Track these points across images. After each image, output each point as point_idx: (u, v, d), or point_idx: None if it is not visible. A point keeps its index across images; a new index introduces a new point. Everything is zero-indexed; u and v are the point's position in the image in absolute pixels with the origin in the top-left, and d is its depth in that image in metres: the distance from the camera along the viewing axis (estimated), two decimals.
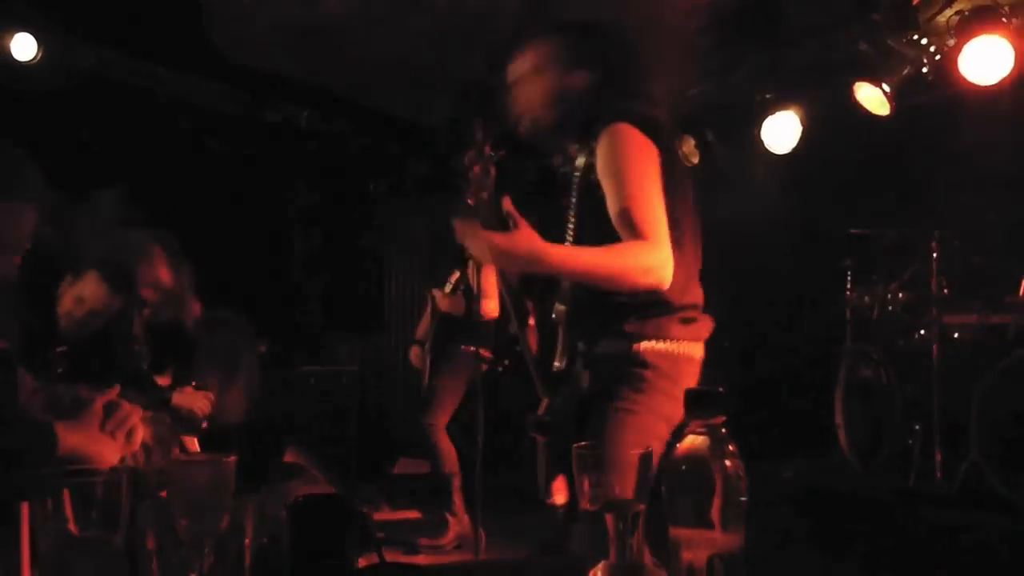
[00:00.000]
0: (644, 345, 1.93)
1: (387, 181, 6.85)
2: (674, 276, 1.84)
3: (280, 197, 6.55)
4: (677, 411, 1.92)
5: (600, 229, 1.88)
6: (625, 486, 1.08)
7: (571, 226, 2.04)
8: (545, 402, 2.01)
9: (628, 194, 1.83)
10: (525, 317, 2.12)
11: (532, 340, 2.09)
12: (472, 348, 4.09)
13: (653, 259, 1.80)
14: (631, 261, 1.80)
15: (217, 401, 2.62)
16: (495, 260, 1.82)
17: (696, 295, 2.02)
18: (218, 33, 4.73)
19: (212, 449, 2.23)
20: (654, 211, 1.83)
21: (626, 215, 1.82)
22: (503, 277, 2.13)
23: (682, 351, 1.96)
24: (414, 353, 4.66)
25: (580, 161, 2.01)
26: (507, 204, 1.84)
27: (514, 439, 4.55)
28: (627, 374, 1.92)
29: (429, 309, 4.57)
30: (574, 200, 2.02)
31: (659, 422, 1.90)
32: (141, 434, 1.67)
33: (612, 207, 1.86)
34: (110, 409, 1.62)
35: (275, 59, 5.12)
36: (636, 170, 1.87)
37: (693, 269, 2.00)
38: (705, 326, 2.02)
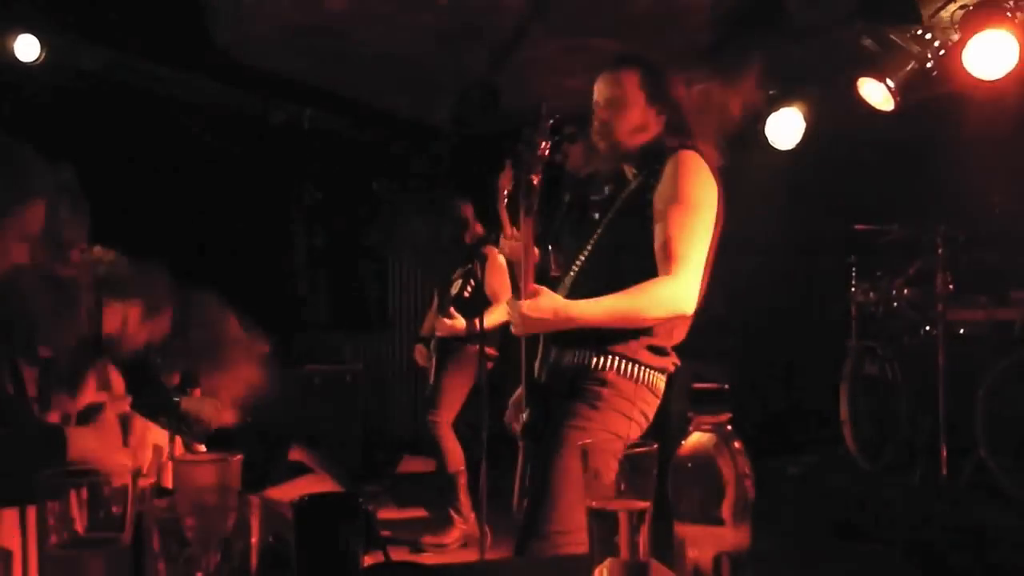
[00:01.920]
0: (610, 361, 1.96)
1: (391, 180, 6.85)
2: None
3: (284, 197, 6.56)
4: (633, 433, 1.96)
5: (636, 249, 1.95)
6: (582, 500, 1.07)
7: (592, 241, 2.06)
8: (527, 412, 2.04)
9: (678, 222, 1.91)
10: (548, 350, 2.17)
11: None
12: (478, 347, 4.08)
13: (671, 293, 1.89)
14: (647, 301, 1.89)
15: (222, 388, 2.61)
16: (527, 327, 1.94)
17: (678, 334, 2.06)
18: (221, 34, 4.73)
19: (217, 448, 2.23)
20: (695, 246, 1.92)
21: (667, 243, 1.91)
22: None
23: (645, 377, 1.99)
24: (419, 351, 4.66)
25: (635, 182, 2.04)
26: (530, 285, 1.94)
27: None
28: (584, 390, 1.97)
29: (434, 306, 4.57)
30: (610, 217, 2.05)
31: (613, 439, 1.92)
32: (151, 446, 1.68)
33: (659, 230, 1.93)
34: (125, 422, 1.63)
35: (278, 59, 5.13)
36: (694, 201, 1.94)
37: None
38: (672, 360, 2.06)
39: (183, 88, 5.18)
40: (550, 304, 1.90)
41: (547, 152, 1.97)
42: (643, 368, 1.98)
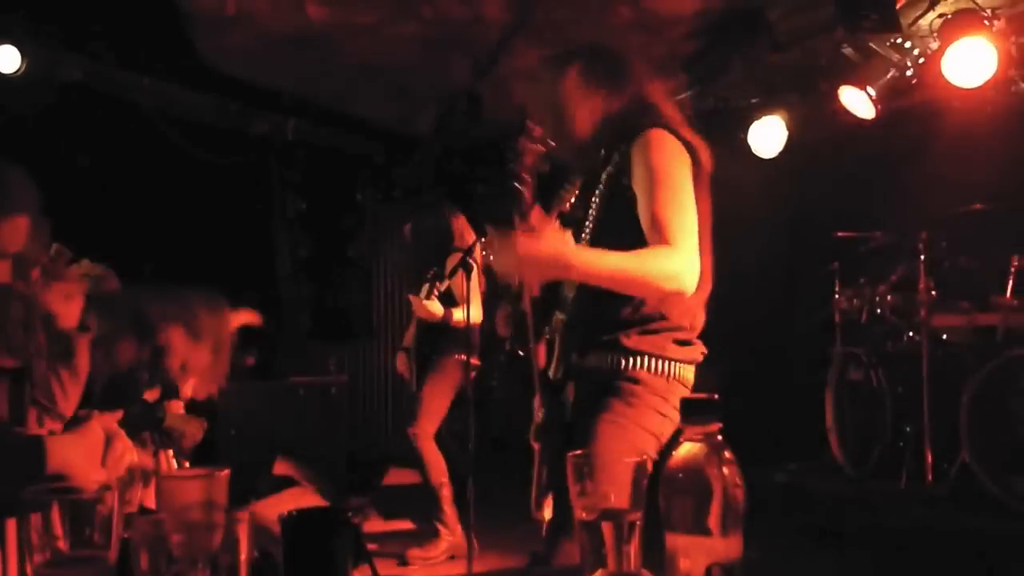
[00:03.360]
0: (639, 361, 1.93)
1: (374, 190, 6.83)
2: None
3: (267, 207, 6.53)
4: (666, 429, 1.93)
5: (625, 231, 1.90)
6: (619, 495, 1.08)
7: (588, 227, 2.04)
8: (542, 412, 2.01)
9: (660, 199, 1.85)
10: (540, 330, 2.11)
11: (541, 353, 2.08)
12: (462, 356, 4.06)
13: (677, 265, 1.80)
14: (655, 267, 1.80)
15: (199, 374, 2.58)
16: (521, 267, 1.77)
17: (699, 320, 2.03)
18: (202, 43, 4.71)
19: (202, 463, 2.21)
20: (684, 217, 1.85)
21: (656, 220, 1.83)
22: (526, 289, 2.10)
23: (676, 372, 1.97)
24: (400, 359, 4.65)
25: (610, 165, 2.00)
26: (536, 214, 1.82)
27: (506, 447, 4.54)
28: (617, 388, 1.93)
29: (415, 320, 4.55)
30: (596, 202, 2.02)
31: (647, 436, 1.91)
32: (126, 466, 1.66)
33: (643, 211, 1.87)
34: (109, 439, 1.61)
35: (260, 69, 5.11)
36: (670, 175, 1.89)
37: (704, 290, 1.97)
38: (699, 350, 2.03)
39: (164, 98, 5.15)
40: (553, 246, 1.72)
41: (528, 163, 1.92)
42: (673, 363, 1.95)
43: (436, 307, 4.09)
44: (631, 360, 1.93)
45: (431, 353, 4.30)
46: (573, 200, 2.10)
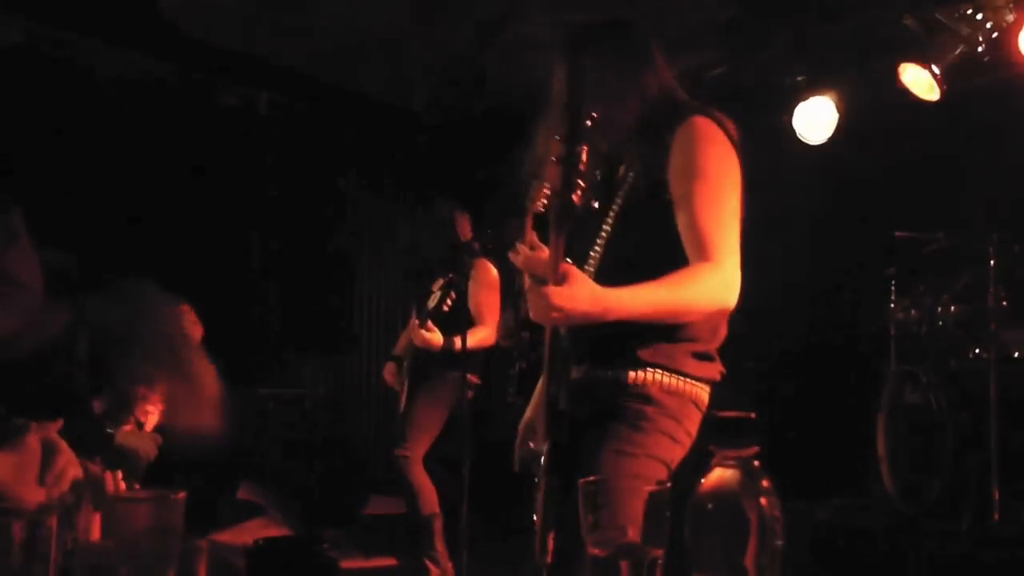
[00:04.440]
0: (650, 376, 1.94)
1: (360, 175, 6.84)
2: None
3: (235, 192, 6.53)
4: (677, 456, 1.94)
5: (652, 233, 1.94)
6: (634, 528, 1.08)
7: (602, 236, 2.04)
8: (548, 443, 2.00)
9: (704, 206, 1.89)
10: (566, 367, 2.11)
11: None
12: (458, 373, 4.08)
13: (718, 285, 1.86)
14: (695, 293, 1.86)
15: (172, 415, 2.58)
16: (557, 321, 1.84)
17: (720, 332, 2.05)
18: (166, 1, 4.72)
19: (156, 484, 2.21)
20: (728, 228, 1.89)
21: (698, 232, 1.88)
22: (553, 332, 2.08)
23: (691, 391, 1.97)
24: (389, 370, 4.65)
25: (638, 160, 2.03)
26: (559, 266, 1.81)
27: (505, 474, 4.54)
28: (626, 409, 1.94)
29: (411, 323, 4.55)
30: (620, 203, 2.04)
31: (659, 466, 1.93)
32: (70, 481, 1.66)
33: (683, 217, 1.91)
34: (48, 452, 1.61)
35: (231, 32, 5.12)
36: (717, 177, 1.93)
37: None
38: (717, 368, 2.04)
39: (119, 64, 5.16)
40: (587, 291, 1.77)
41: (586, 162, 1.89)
42: (688, 381, 1.97)
43: (435, 337, 4.12)
44: (641, 374, 1.94)
45: (427, 366, 4.31)
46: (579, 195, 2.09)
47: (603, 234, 2.05)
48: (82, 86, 5.06)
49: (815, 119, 5.11)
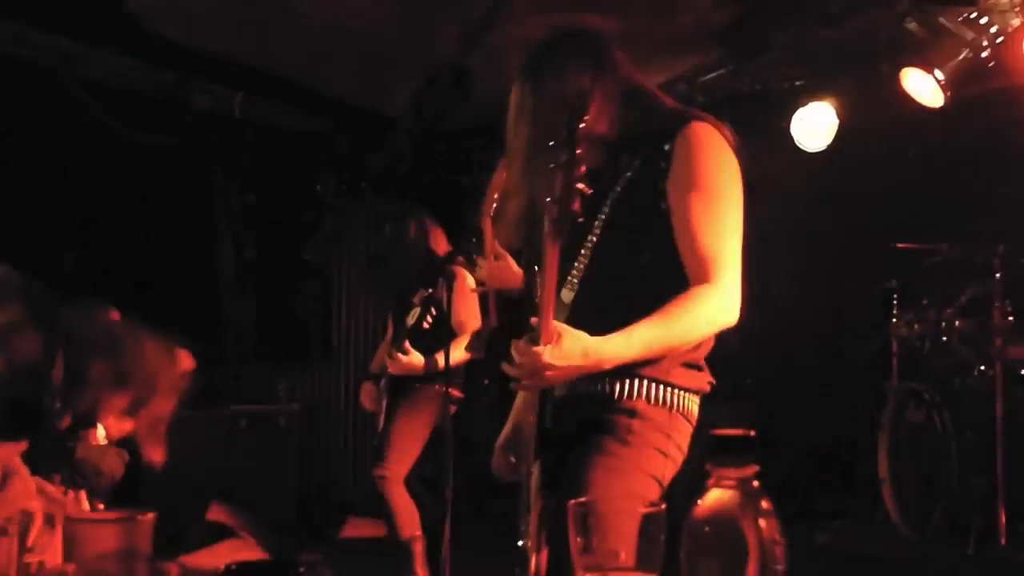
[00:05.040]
0: (637, 387, 1.94)
1: (337, 181, 6.83)
2: None
3: (208, 198, 6.51)
4: (668, 472, 1.93)
5: (650, 251, 1.94)
6: (626, 552, 1.08)
7: (587, 248, 2.04)
8: (539, 464, 2.00)
9: (705, 220, 1.90)
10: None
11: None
12: (439, 387, 4.07)
13: (716, 305, 1.88)
14: (692, 323, 1.88)
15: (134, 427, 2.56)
16: (549, 383, 1.87)
17: (708, 342, 2.04)
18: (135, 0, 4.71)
19: (122, 505, 2.19)
20: (729, 244, 1.91)
21: (698, 248, 1.89)
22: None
23: (681, 403, 1.97)
24: (366, 392, 4.63)
25: (631, 169, 2.02)
26: (549, 324, 1.82)
27: (490, 494, 4.53)
28: (612, 423, 1.93)
29: (388, 337, 4.55)
30: (606, 214, 2.03)
31: (650, 482, 1.92)
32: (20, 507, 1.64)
33: (683, 232, 1.91)
34: (5, 477, 1.59)
35: (204, 31, 5.11)
36: (719, 189, 1.94)
37: None
38: (706, 378, 2.04)
39: (86, 63, 5.14)
40: (578, 347, 1.80)
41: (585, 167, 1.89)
42: (677, 392, 1.96)
43: (415, 359, 4.12)
44: (627, 386, 1.94)
45: (407, 379, 4.30)
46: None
47: (588, 244, 2.04)
48: (48, 88, 5.04)
49: (814, 125, 5.13)
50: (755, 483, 0.97)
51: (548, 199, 1.82)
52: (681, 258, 1.91)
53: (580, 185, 1.79)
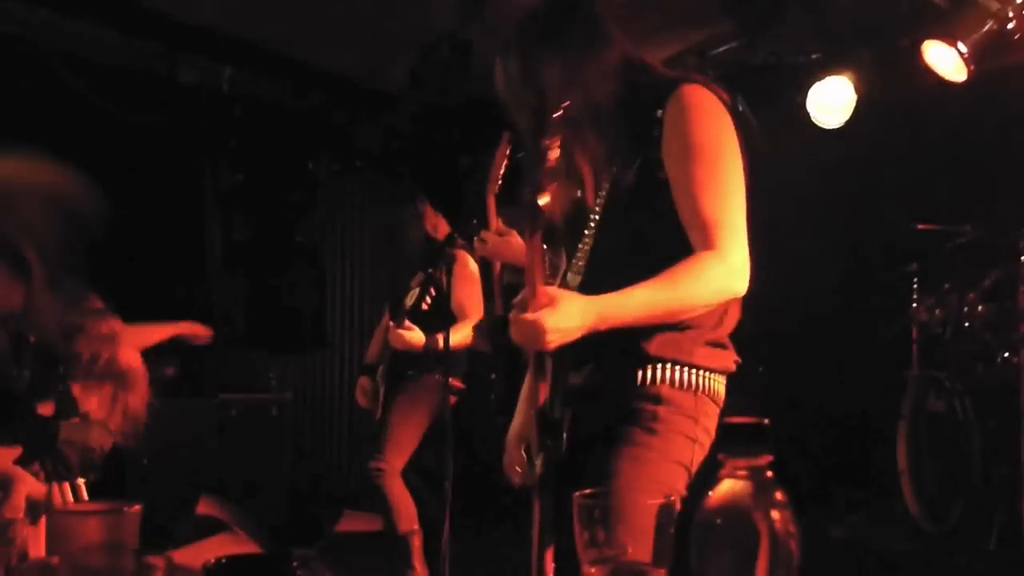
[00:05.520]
0: (660, 372, 1.94)
1: (331, 159, 6.83)
2: None
3: (196, 178, 6.51)
4: (697, 458, 1.94)
5: (656, 223, 1.94)
6: (640, 545, 1.08)
7: (592, 225, 2.05)
8: (543, 456, 2.00)
9: (704, 186, 1.90)
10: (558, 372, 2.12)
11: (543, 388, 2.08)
12: (439, 376, 4.08)
13: (723, 274, 1.87)
14: (696, 287, 1.87)
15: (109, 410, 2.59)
16: (554, 346, 1.84)
17: (730, 318, 2.05)
18: None
19: (108, 497, 2.20)
20: (731, 209, 1.90)
21: (699, 215, 1.89)
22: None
23: (706, 385, 1.98)
24: (361, 387, 4.64)
25: (626, 143, 2.03)
26: (541, 290, 1.83)
27: (491, 488, 4.53)
28: (637, 411, 1.94)
29: (384, 323, 4.56)
30: (606, 193, 2.04)
31: (678, 470, 1.92)
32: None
33: (683, 199, 1.91)
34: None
35: (190, 2, 5.09)
36: (715, 152, 1.93)
37: None
38: (732, 356, 2.05)
39: (66, 35, 5.13)
40: (575, 307, 1.81)
41: (556, 157, 1.89)
42: (702, 373, 1.97)
43: (416, 336, 4.12)
44: (651, 371, 1.94)
45: (405, 368, 4.31)
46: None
47: (593, 221, 2.05)
48: (28, 61, 5.03)
49: (831, 101, 5.12)
50: (769, 473, 0.97)
51: (526, 187, 1.84)
52: (685, 228, 1.90)
53: (549, 178, 1.80)
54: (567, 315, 1.79)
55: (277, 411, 5.83)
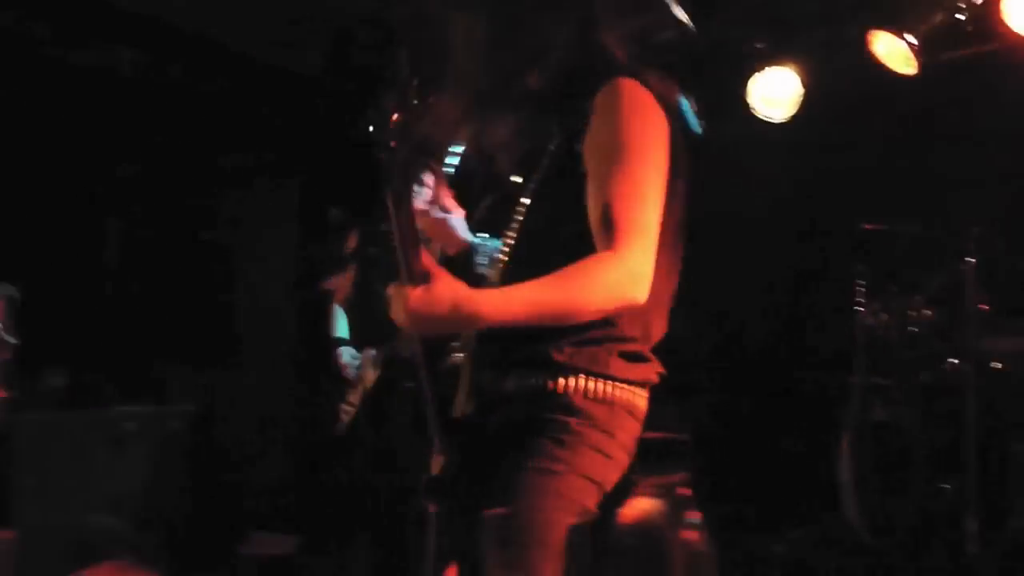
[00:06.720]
0: (572, 383, 1.94)
1: (243, 152, 6.74)
2: None
3: (89, 167, 6.38)
4: (611, 475, 1.94)
5: (564, 218, 1.95)
6: (552, 567, 1.08)
7: (517, 219, 2.06)
8: (441, 460, 1.99)
9: (617, 183, 1.89)
10: (442, 350, 2.12)
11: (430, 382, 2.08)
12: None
13: (614, 275, 1.85)
14: (587, 289, 1.84)
15: None
16: (414, 326, 1.85)
17: (655, 329, 2.05)
18: None
19: None
20: (642, 210, 1.89)
21: (606, 214, 1.87)
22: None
23: (622, 397, 1.97)
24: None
25: (558, 132, 2.04)
26: (424, 258, 1.83)
27: (408, 506, 4.51)
28: (548, 422, 1.93)
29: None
30: (535, 183, 2.06)
31: (588, 487, 1.91)
32: None
33: (594, 196, 1.91)
34: None
35: None
36: (637, 149, 1.92)
37: (663, 291, 2.01)
38: (654, 369, 2.03)
39: None
40: (448, 294, 1.80)
41: (402, 119, 1.90)
42: (617, 385, 1.95)
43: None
44: (563, 381, 1.93)
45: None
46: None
47: (519, 216, 2.07)
48: None
49: (775, 93, 5.16)
50: (684, 491, 0.98)
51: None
52: (591, 226, 1.90)
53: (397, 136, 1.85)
54: (436, 300, 1.79)
55: (177, 423, 5.73)
